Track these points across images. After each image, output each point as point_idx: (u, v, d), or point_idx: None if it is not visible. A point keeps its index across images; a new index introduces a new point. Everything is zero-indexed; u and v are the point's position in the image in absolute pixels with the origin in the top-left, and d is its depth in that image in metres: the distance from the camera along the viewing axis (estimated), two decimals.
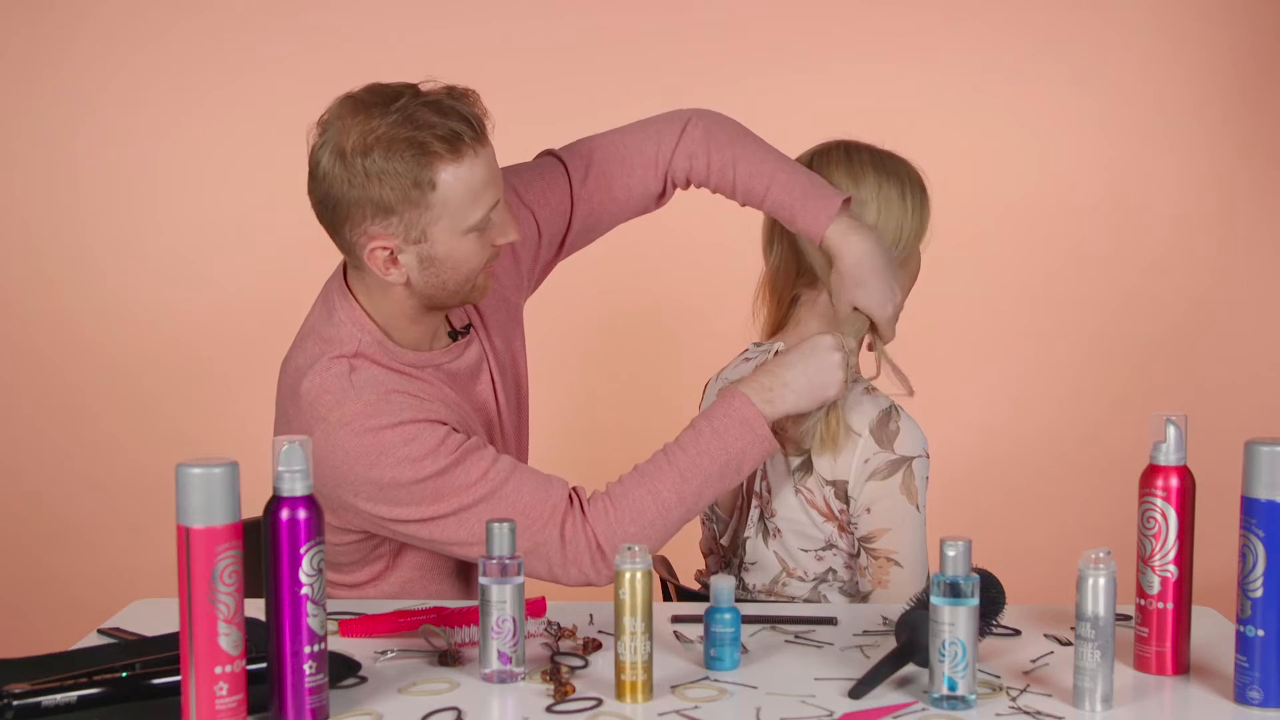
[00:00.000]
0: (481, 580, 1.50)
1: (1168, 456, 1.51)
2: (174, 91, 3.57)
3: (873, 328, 1.88)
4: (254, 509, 1.44)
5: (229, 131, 3.57)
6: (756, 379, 1.80)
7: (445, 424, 1.76)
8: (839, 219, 1.86)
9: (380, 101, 1.70)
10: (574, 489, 1.78)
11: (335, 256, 1.89)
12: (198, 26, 3.57)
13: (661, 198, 2.05)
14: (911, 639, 1.48)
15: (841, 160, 1.95)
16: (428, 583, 1.90)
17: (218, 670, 1.31)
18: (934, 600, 1.42)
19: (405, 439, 1.72)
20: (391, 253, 1.74)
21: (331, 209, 1.73)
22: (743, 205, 1.99)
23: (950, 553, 1.40)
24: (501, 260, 1.96)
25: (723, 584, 1.55)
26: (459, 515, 1.74)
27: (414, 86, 1.73)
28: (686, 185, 2.02)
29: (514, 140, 2.09)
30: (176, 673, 1.41)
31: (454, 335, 1.91)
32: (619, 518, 1.74)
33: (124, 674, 1.42)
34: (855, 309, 1.86)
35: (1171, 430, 1.51)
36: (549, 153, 2.05)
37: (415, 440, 1.72)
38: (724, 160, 1.95)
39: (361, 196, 1.69)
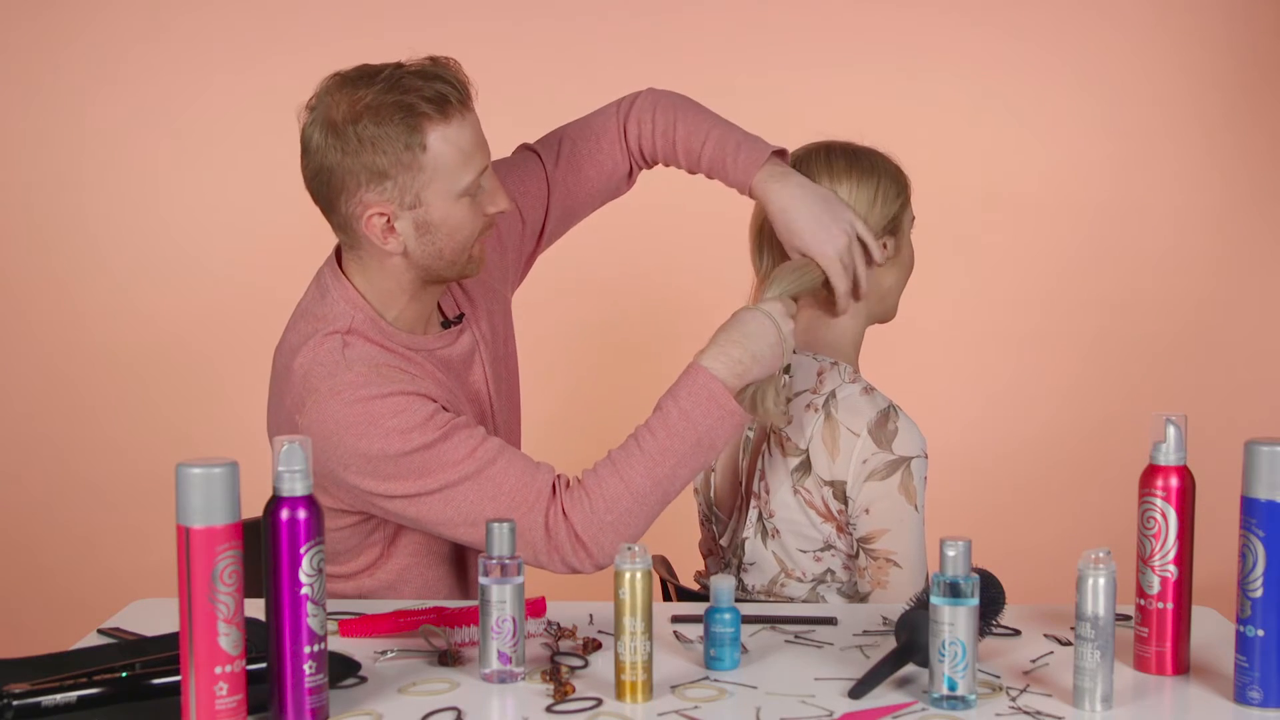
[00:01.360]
0: (481, 580, 1.50)
1: (1168, 456, 1.51)
2: (176, 89, 3.57)
3: (828, 283, 1.87)
4: (254, 509, 1.44)
5: (231, 129, 3.57)
6: (723, 350, 1.78)
7: (435, 400, 1.77)
8: (766, 168, 1.90)
9: (365, 75, 1.75)
10: (558, 476, 1.78)
11: None
12: (199, 24, 3.57)
13: (630, 177, 2.10)
14: (911, 639, 1.49)
15: (821, 162, 1.96)
16: (423, 570, 1.90)
17: (218, 670, 1.31)
18: (934, 600, 1.42)
19: (394, 410, 1.72)
20: (388, 219, 1.76)
21: (326, 182, 1.76)
22: (689, 171, 2.02)
23: (950, 553, 1.40)
24: (489, 251, 1.98)
25: (723, 584, 1.55)
26: (444, 493, 1.74)
27: (398, 62, 1.77)
28: (640, 154, 2.06)
29: (508, 137, 2.10)
30: (176, 673, 1.41)
31: (446, 324, 1.93)
32: (594, 508, 1.73)
33: (124, 674, 1.42)
34: (805, 257, 1.87)
35: (1171, 430, 1.51)
36: (523, 146, 2.10)
37: (404, 412, 1.73)
38: (667, 121, 2.01)
39: (355, 164, 1.73)
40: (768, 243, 1.99)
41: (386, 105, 1.71)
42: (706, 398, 1.76)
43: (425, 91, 1.72)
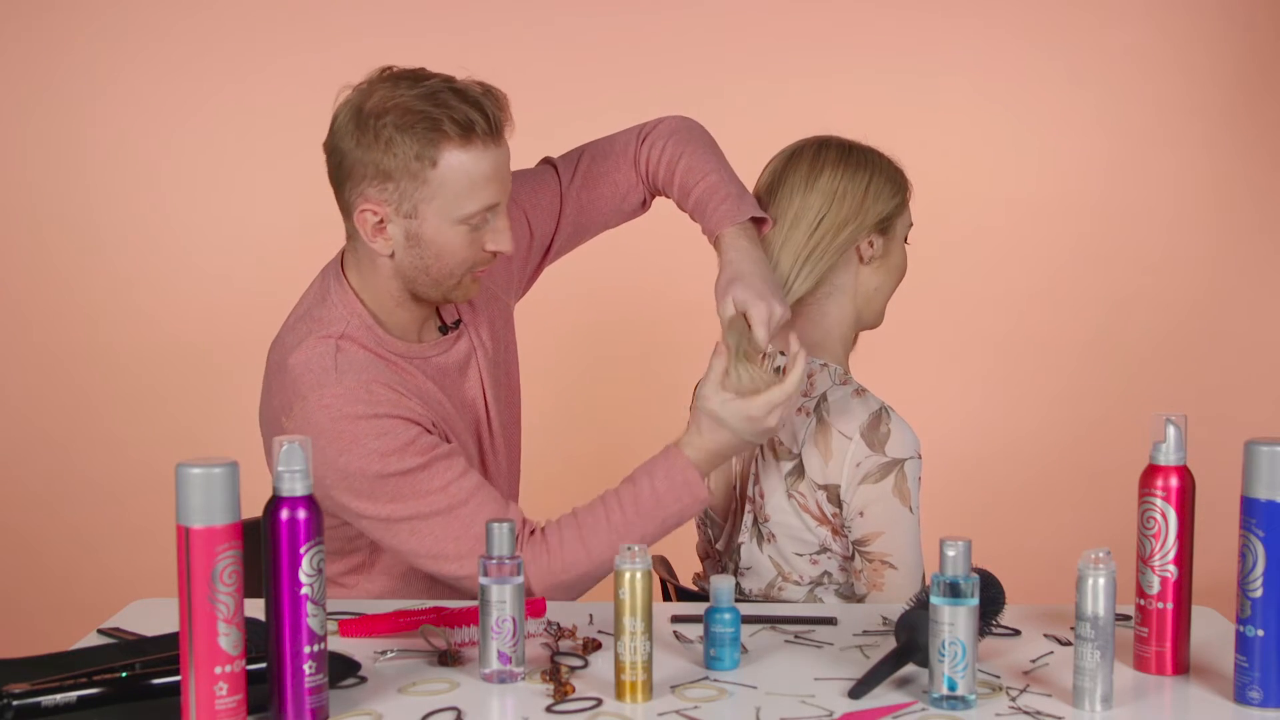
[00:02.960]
0: (481, 580, 1.50)
1: (1168, 456, 1.51)
2: (184, 87, 3.58)
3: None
4: (254, 509, 1.44)
5: (237, 130, 3.57)
6: (701, 439, 1.79)
7: (419, 424, 1.77)
8: (743, 226, 1.89)
9: (411, 77, 1.76)
10: (523, 523, 1.79)
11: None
12: (202, 25, 3.57)
13: (644, 203, 2.10)
14: (911, 639, 1.49)
15: (809, 153, 1.96)
16: (414, 576, 1.91)
17: (218, 670, 1.31)
18: (934, 600, 1.41)
19: (378, 432, 1.73)
20: (381, 220, 1.77)
21: (337, 164, 1.78)
22: (678, 204, 2.01)
23: (950, 553, 1.40)
24: None
25: (722, 584, 1.55)
26: (412, 523, 1.76)
27: (450, 76, 1.78)
28: (648, 179, 2.05)
29: (517, 144, 2.10)
30: (176, 673, 1.41)
31: (444, 330, 1.93)
32: (551, 567, 1.77)
33: (124, 674, 1.42)
34: (735, 316, 1.82)
35: (1171, 430, 1.51)
36: (545, 159, 2.10)
37: (387, 435, 1.74)
38: (675, 152, 2.00)
39: (365, 157, 1.74)
40: None
41: (414, 112, 1.71)
42: (681, 483, 1.78)
43: (456, 112, 1.72)
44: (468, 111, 1.72)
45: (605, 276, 3.52)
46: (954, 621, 1.40)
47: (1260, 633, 1.42)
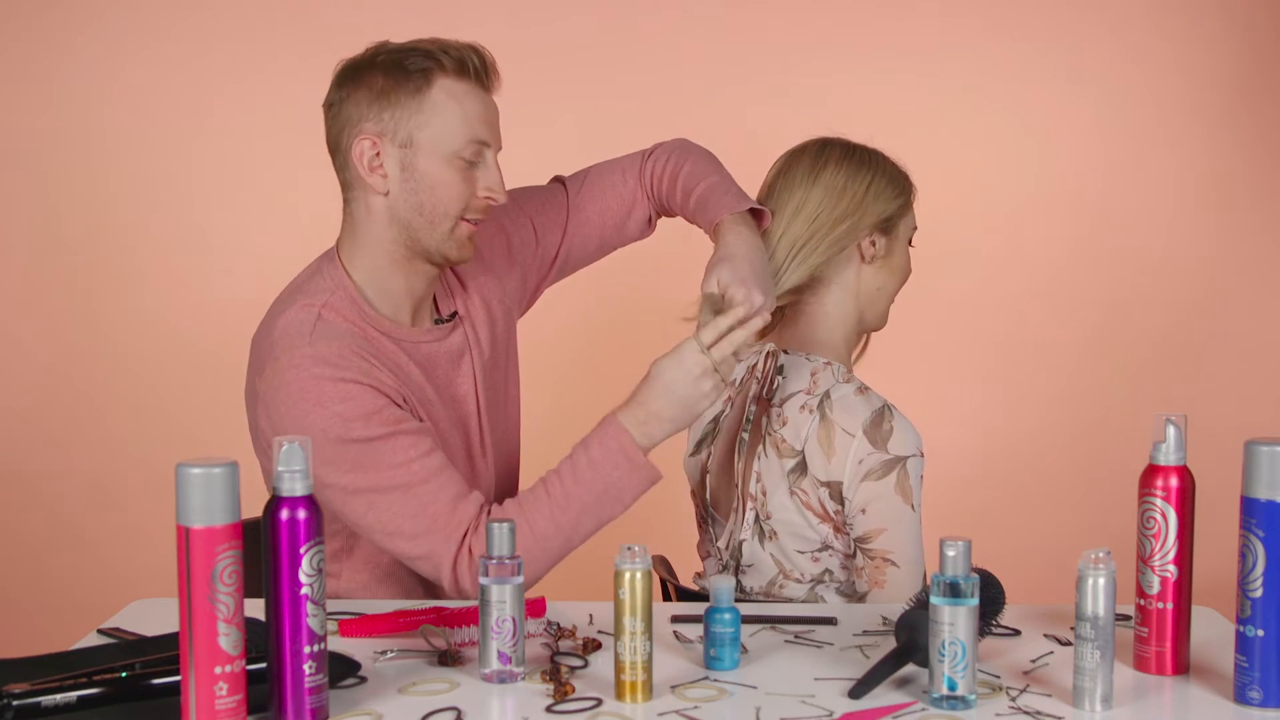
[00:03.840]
0: (481, 580, 1.50)
1: (1168, 456, 1.52)
2: (184, 88, 3.58)
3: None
4: (254, 509, 1.44)
5: (237, 129, 3.57)
6: (631, 406, 1.79)
7: (386, 396, 1.77)
8: (741, 215, 1.91)
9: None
10: (480, 507, 1.79)
11: None
12: (202, 26, 3.57)
13: (650, 222, 2.12)
14: (911, 639, 1.49)
15: (813, 150, 1.97)
16: (397, 572, 1.90)
17: (217, 670, 1.31)
18: (934, 600, 1.42)
19: (344, 396, 1.74)
20: (378, 153, 1.80)
21: (335, 114, 1.84)
22: (681, 210, 2.03)
23: (950, 553, 1.40)
24: (497, 260, 1.99)
25: (722, 584, 1.55)
26: (369, 496, 1.75)
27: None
28: (653, 193, 2.08)
29: (517, 142, 2.10)
30: (176, 673, 1.41)
31: (440, 323, 1.93)
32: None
33: (124, 674, 1.42)
34: (713, 295, 1.82)
35: (1171, 430, 1.51)
36: (555, 178, 2.14)
37: (352, 400, 1.74)
38: (679, 162, 2.03)
39: (363, 93, 1.81)
40: None
41: (408, 48, 1.81)
42: (615, 449, 1.78)
43: (450, 50, 1.81)
44: (463, 52, 1.82)
45: (604, 277, 3.53)
46: (954, 621, 1.40)
47: (1260, 633, 1.42)
